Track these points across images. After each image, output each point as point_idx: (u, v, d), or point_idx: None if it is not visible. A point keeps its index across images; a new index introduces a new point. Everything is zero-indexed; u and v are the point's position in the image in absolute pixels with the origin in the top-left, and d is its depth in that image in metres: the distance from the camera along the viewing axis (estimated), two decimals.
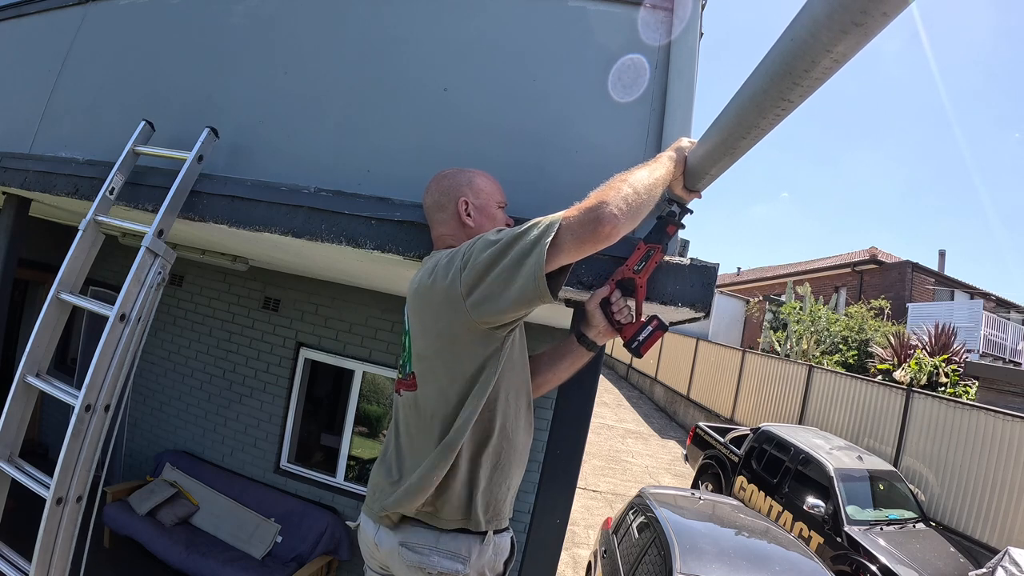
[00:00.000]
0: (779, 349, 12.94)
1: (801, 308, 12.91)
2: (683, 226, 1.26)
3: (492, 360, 1.13)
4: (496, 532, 1.24)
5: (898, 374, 8.94)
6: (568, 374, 1.39)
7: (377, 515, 1.25)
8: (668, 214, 1.25)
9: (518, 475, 1.29)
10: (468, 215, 1.30)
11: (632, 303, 1.25)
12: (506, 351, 1.14)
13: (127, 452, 4.34)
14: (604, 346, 1.36)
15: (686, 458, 8.84)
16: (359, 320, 3.93)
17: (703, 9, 1.57)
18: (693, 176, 1.17)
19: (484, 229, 1.28)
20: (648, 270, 1.24)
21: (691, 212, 1.27)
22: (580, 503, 6.82)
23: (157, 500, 3.74)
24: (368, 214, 1.51)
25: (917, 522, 5.55)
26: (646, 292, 1.26)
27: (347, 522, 3.65)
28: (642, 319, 1.24)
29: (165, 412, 4.31)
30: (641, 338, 1.21)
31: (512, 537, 1.32)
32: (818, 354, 11.99)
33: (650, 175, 1.09)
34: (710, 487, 7.36)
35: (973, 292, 16.52)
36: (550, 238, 0.99)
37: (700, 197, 1.26)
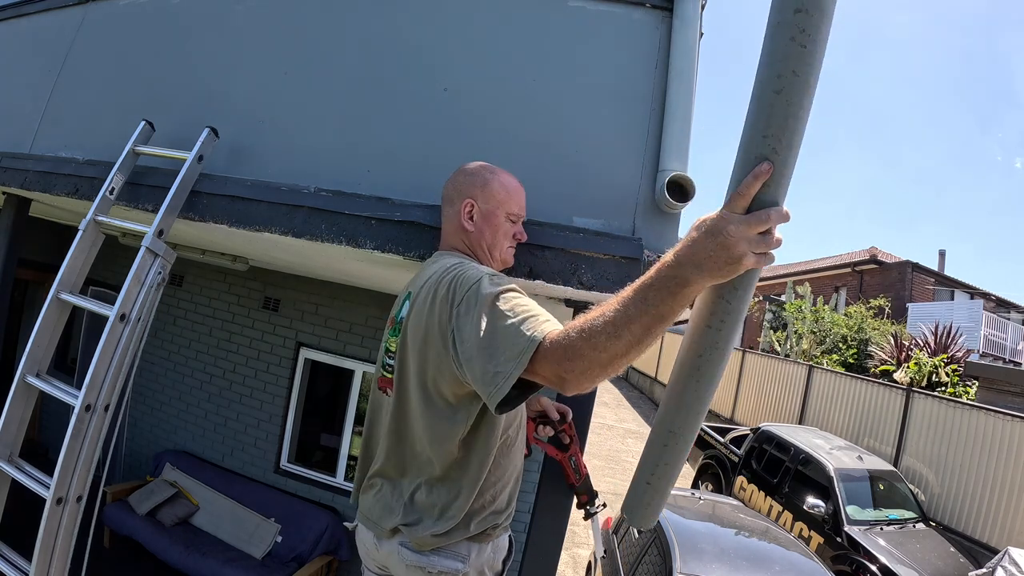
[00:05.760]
0: (779, 349, 12.95)
1: (801, 308, 12.91)
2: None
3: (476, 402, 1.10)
4: None
5: (898, 374, 8.94)
6: None
7: (405, 540, 1.20)
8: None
9: (515, 479, 1.29)
10: (470, 218, 1.25)
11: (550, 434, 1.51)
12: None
13: (127, 452, 4.33)
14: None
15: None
16: (359, 320, 3.93)
17: (703, 9, 1.56)
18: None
19: (484, 237, 1.25)
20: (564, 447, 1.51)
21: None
22: None
23: (157, 500, 3.74)
24: (368, 214, 1.51)
25: (917, 522, 5.55)
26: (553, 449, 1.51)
27: (344, 523, 3.64)
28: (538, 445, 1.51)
29: (165, 412, 4.30)
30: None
31: (510, 536, 1.32)
32: (818, 354, 11.99)
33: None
34: (710, 487, 7.36)
35: (973, 292, 16.52)
36: (527, 360, 0.89)
37: None
